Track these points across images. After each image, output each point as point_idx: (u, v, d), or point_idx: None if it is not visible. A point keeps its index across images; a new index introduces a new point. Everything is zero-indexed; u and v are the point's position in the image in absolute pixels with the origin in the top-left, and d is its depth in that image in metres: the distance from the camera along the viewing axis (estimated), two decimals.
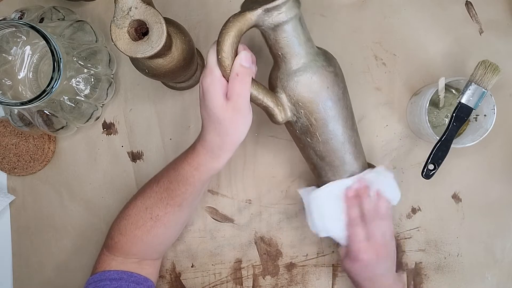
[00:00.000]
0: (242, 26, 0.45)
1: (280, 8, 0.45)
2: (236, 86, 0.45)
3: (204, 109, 0.48)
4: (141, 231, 0.56)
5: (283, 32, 0.47)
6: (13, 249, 0.69)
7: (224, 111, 0.46)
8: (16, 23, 0.53)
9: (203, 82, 0.47)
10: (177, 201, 0.54)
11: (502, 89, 0.63)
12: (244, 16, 0.45)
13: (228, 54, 0.45)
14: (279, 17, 0.45)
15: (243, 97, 0.46)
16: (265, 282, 0.67)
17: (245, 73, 0.46)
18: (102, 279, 0.56)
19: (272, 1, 0.44)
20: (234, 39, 0.45)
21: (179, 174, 0.53)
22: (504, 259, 0.65)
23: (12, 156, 0.68)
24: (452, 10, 0.65)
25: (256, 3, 0.46)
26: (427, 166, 0.57)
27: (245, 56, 0.46)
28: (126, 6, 0.45)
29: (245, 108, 0.47)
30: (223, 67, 0.46)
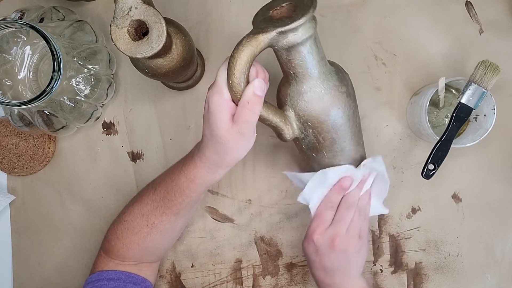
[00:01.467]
0: (255, 50, 0.42)
1: (296, 30, 0.42)
2: (245, 114, 0.44)
3: (207, 126, 0.46)
4: (137, 237, 0.55)
5: (297, 53, 0.45)
6: (13, 249, 0.69)
7: (228, 133, 0.45)
8: (16, 23, 0.53)
9: (209, 99, 0.45)
10: (174, 210, 0.54)
11: (502, 89, 0.63)
12: (257, 39, 0.42)
13: (239, 80, 0.43)
14: (294, 38, 0.43)
15: (251, 124, 0.45)
16: (265, 282, 0.67)
17: (256, 102, 0.44)
18: (100, 279, 0.56)
19: (287, 24, 0.42)
20: (246, 64, 0.43)
21: (176, 185, 0.52)
22: (504, 259, 0.64)
23: (12, 156, 0.68)
24: (452, 10, 0.65)
25: (269, 23, 0.43)
26: (427, 166, 0.57)
27: (259, 84, 0.44)
28: (126, 6, 0.45)
29: (250, 133, 0.46)
30: (233, 92, 0.44)
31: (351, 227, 0.52)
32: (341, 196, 0.54)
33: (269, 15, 0.45)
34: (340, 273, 0.53)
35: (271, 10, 0.46)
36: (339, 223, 0.52)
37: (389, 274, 0.65)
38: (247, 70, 0.43)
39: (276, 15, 0.45)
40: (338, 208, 0.53)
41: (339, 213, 0.52)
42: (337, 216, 0.52)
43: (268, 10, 0.46)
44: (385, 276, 0.65)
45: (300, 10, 0.43)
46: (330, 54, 0.54)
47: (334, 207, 0.53)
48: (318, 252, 0.52)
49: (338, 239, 0.51)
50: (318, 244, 0.52)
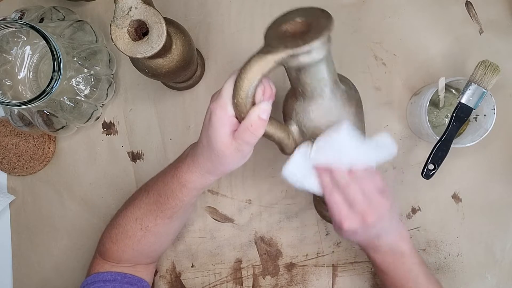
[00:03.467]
0: (263, 70, 0.40)
1: (308, 53, 0.40)
2: (247, 136, 0.43)
3: (206, 136, 0.46)
4: (131, 240, 0.55)
5: (308, 73, 0.43)
6: (13, 249, 0.69)
7: (226, 148, 0.44)
8: (16, 23, 0.53)
9: (212, 111, 0.44)
10: (167, 214, 0.53)
11: (502, 89, 0.63)
12: (266, 60, 0.40)
13: (245, 101, 0.42)
14: (305, 60, 0.40)
15: (250, 145, 0.45)
16: (265, 282, 0.67)
17: (260, 126, 0.43)
18: (96, 281, 0.56)
19: (299, 45, 0.39)
20: (253, 85, 0.41)
21: (169, 189, 0.52)
22: (504, 259, 0.64)
23: (12, 156, 0.68)
24: (452, 10, 0.65)
25: (281, 41, 0.41)
26: (427, 166, 0.57)
27: (265, 108, 0.43)
28: (126, 6, 0.45)
29: (247, 151, 0.46)
30: (238, 111, 0.43)
31: (368, 195, 0.48)
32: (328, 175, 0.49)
33: (282, 30, 0.43)
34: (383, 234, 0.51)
35: (285, 25, 0.43)
36: (356, 200, 0.48)
37: None
38: (254, 91, 0.42)
39: (290, 30, 0.43)
40: (343, 186, 0.48)
41: (349, 190, 0.48)
42: (351, 194, 0.48)
43: (282, 25, 0.43)
44: None
45: (314, 30, 0.40)
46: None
47: (340, 187, 0.48)
48: (357, 232, 0.49)
49: (367, 216, 0.47)
50: (354, 229, 0.48)
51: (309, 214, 0.66)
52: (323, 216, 0.64)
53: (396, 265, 0.52)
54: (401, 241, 0.52)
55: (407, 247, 0.52)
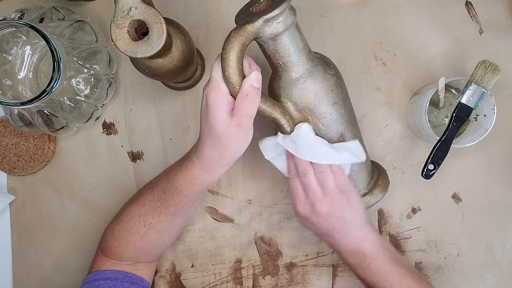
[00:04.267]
0: (245, 40, 0.44)
1: (278, 18, 0.45)
2: (245, 107, 0.44)
3: (206, 123, 0.47)
4: (134, 237, 0.55)
5: (282, 41, 0.47)
6: (13, 249, 0.69)
7: (227, 128, 0.45)
8: (16, 23, 0.53)
9: (207, 96, 0.45)
10: (171, 210, 0.53)
11: (502, 89, 0.63)
12: (245, 30, 0.44)
13: (235, 70, 0.44)
14: (277, 26, 0.45)
15: (250, 117, 0.45)
16: (265, 282, 0.67)
17: (255, 93, 0.44)
18: (97, 279, 0.56)
19: (269, 12, 0.44)
20: (239, 53, 0.44)
21: (173, 185, 0.52)
22: (504, 259, 0.64)
23: (12, 156, 0.68)
24: (452, 10, 0.65)
25: (252, 16, 0.46)
26: (427, 166, 0.57)
27: (256, 76, 0.45)
28: (126, 6, 0.45)
29: (248, 126, 0.46)
30: (231, 84, 0.45)
31: (325, 187, 0.51)
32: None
33: (250, 11, 0.47)
34: (338, 231, 0.53)
35: (251, 7, 0.48)
36: (311, 189, 0.52)
37: None
38: (240, 60, 0.44)
39: (256, 10, 0.47)
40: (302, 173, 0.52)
41: (307, 179, 0.52)
42: (306, 183, 0.52)
43: (249, 8, 0.48)
44: None
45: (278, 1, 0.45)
46: (330, 53, 0.54)
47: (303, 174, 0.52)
48: (310, 221, 0.53)
49: (317, 205, 0.51)
50: (304, 215, 0.53)
51: None
52: None
53: (362, 266, 0.53)
54: (364, 242, 0.53)
55: (372, 249, 0.53)
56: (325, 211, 0.51)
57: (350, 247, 0.54)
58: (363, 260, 0.53)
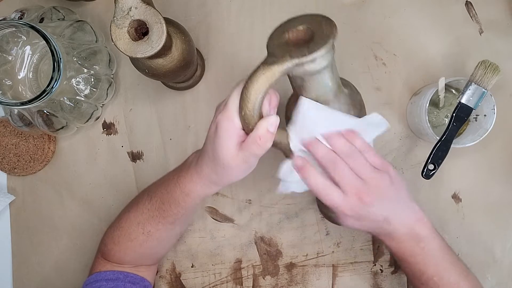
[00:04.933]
0: (270, 81, 0.40)
1: (313, 61, 0.40)
2: (255, 148, 0.43)
3: (212, 148, 0.45)
4: (133, 243, 0.55)
5: (312, 81, 0.43)
6: (13, 249, 0.69)
7: (233, 160, 0.44)
8: (16, 23, 0.53)
9: (219, 123, 0.44)
10: (169, 220, 0.53)
11: (502, 89, 0.63)
12: (272, 70, 0.40)
13: (253, 112, 0.42)
14: (310, 68, 0.40)
15: (258, 156, 0.45)
16: (265, 282, 0.67)
17: (268, 138, 0.43)
18: (98, 280, 0.56)
19: (304, 54, 0.39)
20: (260, 97, 0.41)
21: (171, 197, 0.51)
22: (504, 259, 0.64)
23: (12, 156, 0.68)
24: (452, 10, 0.65)
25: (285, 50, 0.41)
26: (427, 166, 0.57)
27: (274, 122, 0.43)
28: (126, 6, 0.45)
29: (254, 163, 0.46)
30: (245, 122, 0.43)
31: (363, 172, 0.45)
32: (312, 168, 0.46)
33: (285, 39, 0.43)
34: (393, 216, 0.47)
35: (287, 33, 0.43)
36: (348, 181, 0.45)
37: (389, 274, 0.65)
38: (261, 102, 0.42)
39: (292, 38, 0.43)
40: (328, 165, 0.45)
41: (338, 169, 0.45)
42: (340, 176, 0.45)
43: (284, 33, 0.43)
44: (385, 276, 0.65)
45: (318, 38, 0.40)
46: None
47: (331, 165, 0.45)
48: (361, 218, 0.46)
49: (364, 196, 0.44)
50: (354, 214, 0.45)
51: (309, 214, 0.66)
52: (328, 217, 0.64)
53: (415, 251, 0.48)
54: (418, 224, 0.48)
55: (426, 230, 0.48)
56: (373, 199, 0.45)
57: (405, 230, 0.48)
58: (417, 244, 0.48)
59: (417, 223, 0.48)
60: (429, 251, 0.48)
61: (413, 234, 0.48)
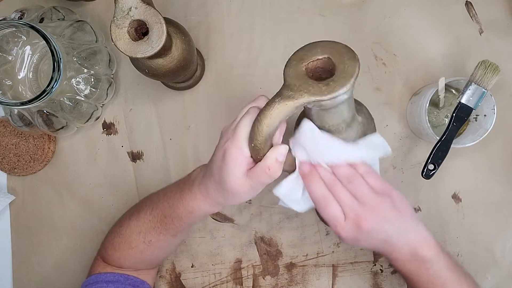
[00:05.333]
0: (284, 116, 0.39)
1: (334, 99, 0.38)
2: (263, 177, 0.43)
3: (218, 174, 0.45)
4: (134, 251, 0.55)
5: (328, 114, 0.41)
6: (13, 249, 0.69)
7: (240, 186, 0.44)
8: (16, 23, 0.53)
9: (227, 150, 0.43)
10: (171, 232, 0.53)
11: (502, 89, 0.63)
12: (287, 105, 0.38)
13: (263, 145, 0.41)
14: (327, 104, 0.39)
15: (265, 185, 0.44)
16: (265, 282, 0.67)
17: (277, 168, 0.43)
18: (98, 281, 0.56)
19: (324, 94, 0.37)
20: (273, 131, 0.40)
21: (174, 212, 0.51)
22: (504, 259, 0.64)
23: (12, 156, 0.68)
24: (452, 10, 0.65)
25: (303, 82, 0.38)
26: (427, 166, 0.57)
27: (283, 151, 0.42)
28: (126, 6, 0.45)
29: (261, 189, 0.45)
30: (255, 152, 0.42)
31: (360, 196, 0.44)
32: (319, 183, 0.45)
33: (303, 68, 0.40)
34: (396, 238, 0.46)
35: (306, 62, 0.40)
36: (345, 204, 0.44)
37: (389, 274, 0.65)
38: (272, 135, 0.41)
39: (311, 67, 0.40)
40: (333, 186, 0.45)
41: (335, 192, 0.45)
42: (338, 198, 0.45)
43: (302, 61, 0.40)
44: (385, 276, 0.65)
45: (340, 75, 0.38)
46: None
47: (330, 186, 0.45)
48: (360, 240, 0.45)
49: (361, 220, 0.44)
50: (352, 238, 0.45)
51: (309, 214, 0.66)
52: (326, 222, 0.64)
53: (420, 272, 0.47)
54: (421, 245, 0.47)
55: (430, 251, 0.47)
56: (371, 225, 0.44)
57: (408, 251, 0.47)
58: (422, 265, 0.47)
59: (421, 244, 0.47)
60: (435, 272, 0.47)
61: (417, 255, 0.47)
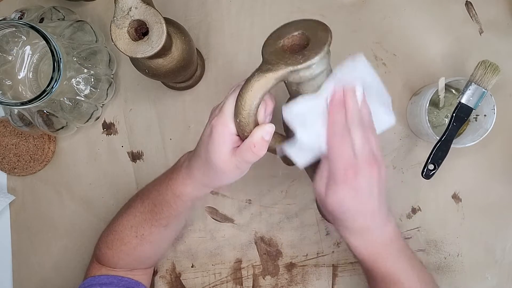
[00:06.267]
0: (265, 89, 0.40)
1: (308, 68, 0.39)
2: (248, 156, 0.43)
3: (205, 151, 0.45)
4: (127, 247, 0.55)
5: (308, 86, 0.42)
6: (13, 249, 0.69)
7: (225, 164, 0.44)
8: (16, 23, 0.53)
9: (213, 127, 0.43)
10: (162, 222, 0.53)
11: (502, 89, 0.63)
12: (267, 78, 0.39)
13: (247, 120, 0.41)
14: (305, 75, 0.40)
15: (251, 163, 0.44)
16: (265, 282, 0.67)
17: (263, 146, 0.43)
18: (92, 284, 0.56)
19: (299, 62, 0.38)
20: (255, 104, 0.40)
21: (163, 199, 0.51)
22: (504, 259, 0.64)
23: (12, 156, 0.68)
24: (452, 10, 0.65)
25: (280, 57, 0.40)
26: (427, 166, 0.57)
27: (269, 130, 0.42)
28: (126, 6, 0.45)
29: (246, 169, 0.46)
30: (240, 129, 0.42)
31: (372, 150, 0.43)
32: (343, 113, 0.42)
33: (280, 45, 0.42)
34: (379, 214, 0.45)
35: (282, 39, 0.42)
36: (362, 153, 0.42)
37: None
38: (256, 110, 0.41)
39: (287, 44, 0.42)
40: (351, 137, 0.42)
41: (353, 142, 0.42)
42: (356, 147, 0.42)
43: (279, 39, 0.42)
44: None
45: (313, 44, 0.39)
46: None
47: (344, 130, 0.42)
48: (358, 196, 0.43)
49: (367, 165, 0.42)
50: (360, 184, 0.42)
51: (309, 214, 0.66)
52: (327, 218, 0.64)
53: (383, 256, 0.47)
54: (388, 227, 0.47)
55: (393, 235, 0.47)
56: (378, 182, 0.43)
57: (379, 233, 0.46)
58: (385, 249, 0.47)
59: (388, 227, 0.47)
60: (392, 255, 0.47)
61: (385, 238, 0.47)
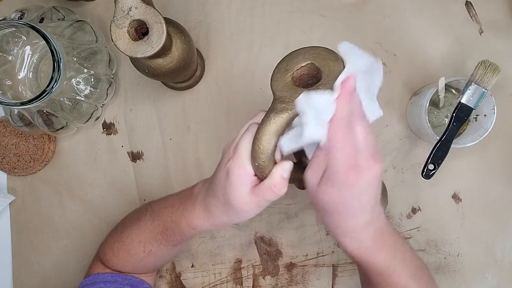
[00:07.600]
0: (281, 129, 0.39)
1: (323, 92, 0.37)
2: (269, 195, 0.42)
3: (223, 193, 0.44)
4: (133, 258, 0.55)
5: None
6: (13, 249, 0.69)
7: (245, 205, 0.43)
8: (16, 23, 0.53)
9: (230, 170, 0.42)
10: (172, 243, 0.53)
11: (502, 89, 0.63)
12: (283, 118, 0.39)
13: (267, 161, 0.41)
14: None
15: (271, 202, 0.43)
16: (265, 282, 0.67)
17: (283, 184, 0.42)
18: (96, 282, 0.56)
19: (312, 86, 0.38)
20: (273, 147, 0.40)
21: (176, 226, 0.50)
22: (504, 259, 0.64)
23: (12, 156, 0.68)
24: (452, 10, 0.65)
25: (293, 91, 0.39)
26: (427, 166, 0.57)
27: (288, 167, 0.41)
28: (126, 6, 0.45)
29: (267, 205, 0.45)
30: (259, 172, 0.41)
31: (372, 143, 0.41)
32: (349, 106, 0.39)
33: (289, 78, 0.40)
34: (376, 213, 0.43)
35: (291, 72, 0.40)
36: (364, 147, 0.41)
37: None
38: (274, 151, 0.40)
39: (296, 75, 0.41)
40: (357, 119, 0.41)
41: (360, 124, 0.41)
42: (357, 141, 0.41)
43: (287, 72, 0.41)
44: None
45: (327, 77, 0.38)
46: None
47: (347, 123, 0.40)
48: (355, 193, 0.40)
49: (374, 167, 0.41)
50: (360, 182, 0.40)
51: (309, 214, 0.66)
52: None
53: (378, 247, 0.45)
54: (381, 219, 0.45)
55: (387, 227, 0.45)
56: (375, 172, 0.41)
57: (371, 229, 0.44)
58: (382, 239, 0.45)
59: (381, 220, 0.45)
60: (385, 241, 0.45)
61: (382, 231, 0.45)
